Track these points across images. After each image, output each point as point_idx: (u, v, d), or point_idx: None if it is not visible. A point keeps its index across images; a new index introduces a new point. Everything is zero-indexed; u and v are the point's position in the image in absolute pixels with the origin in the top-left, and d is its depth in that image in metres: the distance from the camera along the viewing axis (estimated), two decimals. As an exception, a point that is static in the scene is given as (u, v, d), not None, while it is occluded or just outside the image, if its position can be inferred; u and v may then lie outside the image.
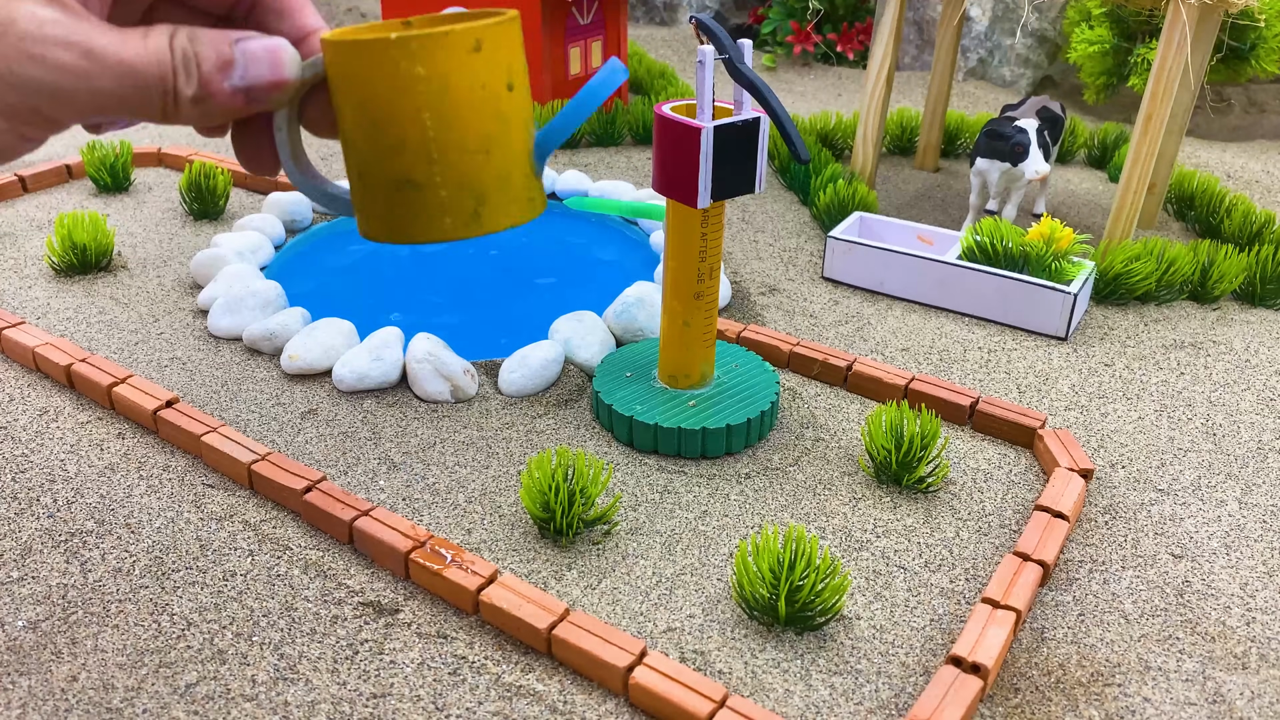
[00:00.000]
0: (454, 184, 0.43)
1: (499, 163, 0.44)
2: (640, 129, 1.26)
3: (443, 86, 0.41)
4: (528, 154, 0.45)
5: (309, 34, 0.43)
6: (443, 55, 0.41)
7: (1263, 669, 0.52)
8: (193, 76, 0.39)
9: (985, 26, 1.62)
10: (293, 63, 0.41)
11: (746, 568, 0.53)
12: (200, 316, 0.82)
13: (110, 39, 0.37)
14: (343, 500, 0.59)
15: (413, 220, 0.44)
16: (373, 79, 0.41)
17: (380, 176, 0.43)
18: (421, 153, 0.42)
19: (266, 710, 0.48)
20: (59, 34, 0.35)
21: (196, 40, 0.39)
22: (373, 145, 0.43)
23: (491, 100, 0.43)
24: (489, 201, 0.44)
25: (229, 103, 0.40)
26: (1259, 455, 0.69)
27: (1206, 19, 0.88)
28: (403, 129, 0.42)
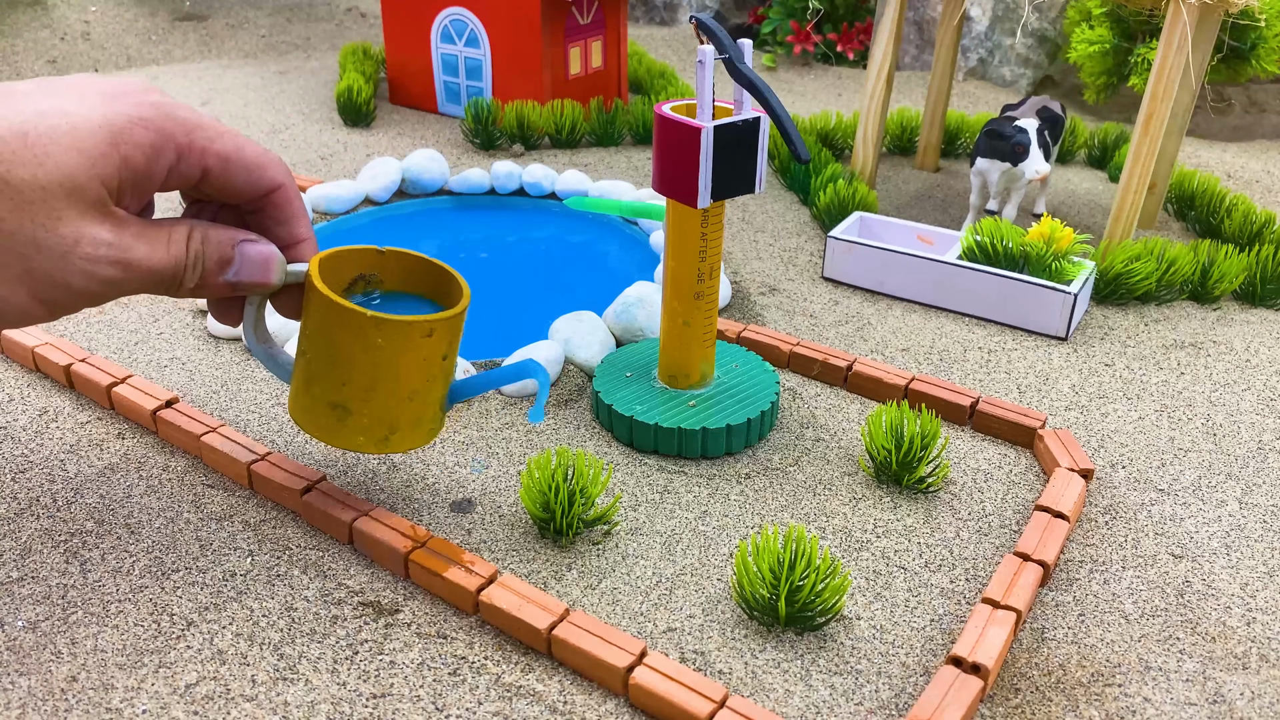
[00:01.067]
0: (376, 418, 0.52)
1: (417, 408, 0.53)
2: (640, 129, 1.26)
3: (394, 355, 0.50)
4: (441, 401, 0.55)
5: (299, 242, 0.52)
6: (401, 335, 0.50)
7: (1263, 669, 0.52)
8: (197, 271, 0.47)
9: (985, 26, 1.62)
10: (279, 272, 0.50)
11: (746, 568, 0.53)
12: (200, 316, 0.82)
13: (144, 251, 0.45)
14: (343, 500, 0.59)
15: (333, 431, 0.53)
16: (343, 332, 0.49)
17: (321, 394, 0.52)
18: (360, 392, 0.51)
19: (266, 710, 0.47)
20: (111, 255, 0.43)
21: (208, 240, 0.47)
22: (324, 371, 0.51)
23: (427, 367, 0.52)
24: (399, 432, 0.53)
25: (220, 291, 0.49)
26: (1259, 455, 0.69)
27: (1207, 19, 0.88)
28: (351, 371, 0.50)
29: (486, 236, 1.01)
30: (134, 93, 0.45)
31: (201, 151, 0.46)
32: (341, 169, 1.15)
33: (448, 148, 1.23)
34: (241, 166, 0.48)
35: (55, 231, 0.42)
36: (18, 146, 0.41)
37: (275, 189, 0.50)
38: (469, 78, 1.32)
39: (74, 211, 0.42)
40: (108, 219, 0.43)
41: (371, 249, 0.54)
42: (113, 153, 0.43)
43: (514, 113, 1.21)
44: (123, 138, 0.43)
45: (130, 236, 0.44)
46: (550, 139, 1.24)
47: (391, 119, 1.35)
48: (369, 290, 0.55)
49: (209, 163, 0.46)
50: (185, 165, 0.46)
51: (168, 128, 0.45)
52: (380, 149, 1.22)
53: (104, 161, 0.42)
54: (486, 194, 1.08)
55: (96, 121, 0.42)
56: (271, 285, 0.50)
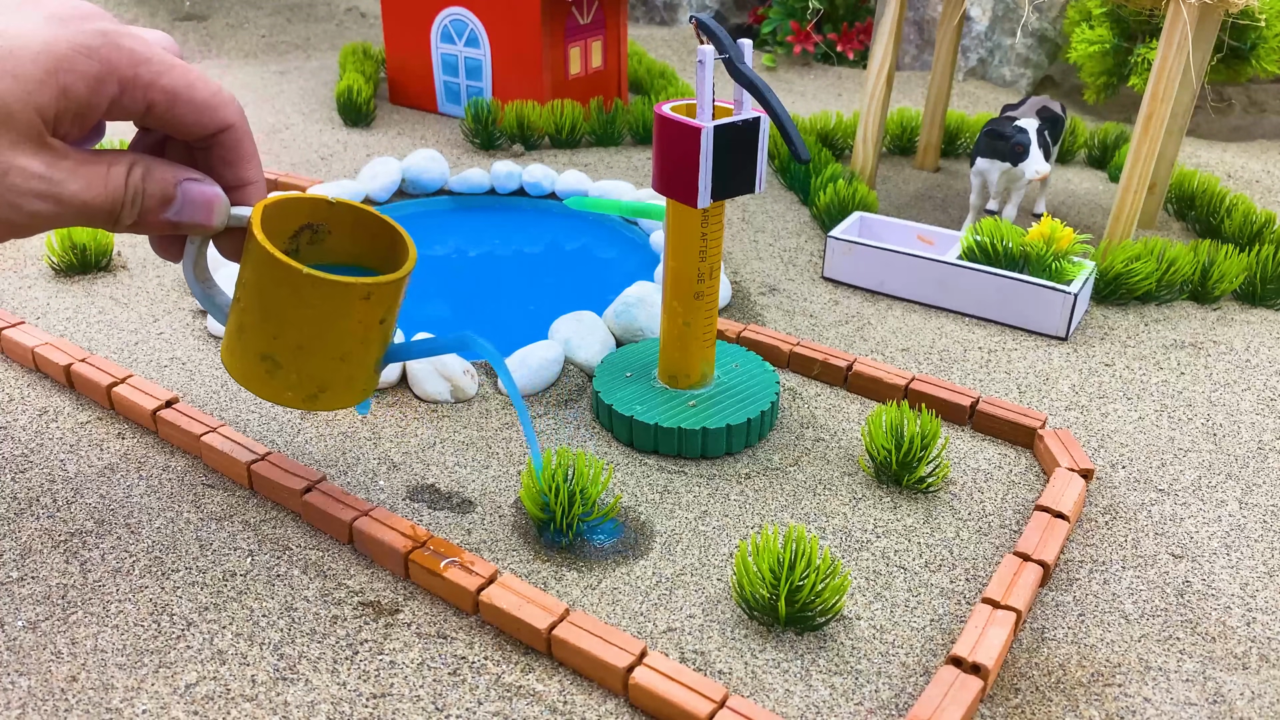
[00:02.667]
0: (306, 375, 0.51)
1: (349, 368, 0.51)
2: (640, 129, 1.26)
3: (328, 314, 0.49)
4: (375, 363, 0.53)
5: (246, 185, 0.50)
6: (338, 296, 0.48)
7: (1263, 669, 0.52)
8: (136, 208, 0.46)
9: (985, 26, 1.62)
10: (222, 213, 0.49)
11: (746, 568, 0.53)
12: (200, 316, 0.82)
13: (79, 186, 0.43)
14: (343, 500, 0.59)
15: (263, 383, 0.51)
16: (277, 285, 0.48)
17: (252, 344, 0.50)
18: (291, 347, 0.50)
19: (266, 710, 0.47)
20: (41, 189, 0.42)
21: (149, 177, 0.46)
22: (257, 318, 0.50)
23: (362, 329, 0.50)
24: (329, 391, 0.52)
25: (159, 228, 0.47)
26: (1259, 455, 0.69)
27: (1207, 19, 0.88)
28: (283, 326, 0.49)
29: (486, 237, 1.01)
30: (81, 17, 0.43)
31: (147, 85, 0.44)
32: (341, 169, 1.15)
33: (448, 148, 1.23)
34: (190, 104, 0.45)
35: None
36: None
37: (225, 129, 0.48)
38: (469, 78, 1.32)
39: (4, 140, 0.40)
40: (41, 150, 0.42)
41: (322, 198, 0.52)
42: (51, 81, 0.41)
43: (514, 113, 1.21)
44: (63, 65, 0.41)
45: (65, 170, 0.43)
46: (550, 139, 1.24)
47: (391, 119, 1.35)
48: (315, 240, 0.53)
49: (154, 97, 0.44)
50: (128, 99, 0.44)
51: (113, 58, 0.42)
52: (380, 149, 1.22)
53: (41, 90, 0.40)
54: (486, 194, 1.08)
55: (36, 47, 0.40)
56: (212, 228, 0.48)
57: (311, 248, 0.53)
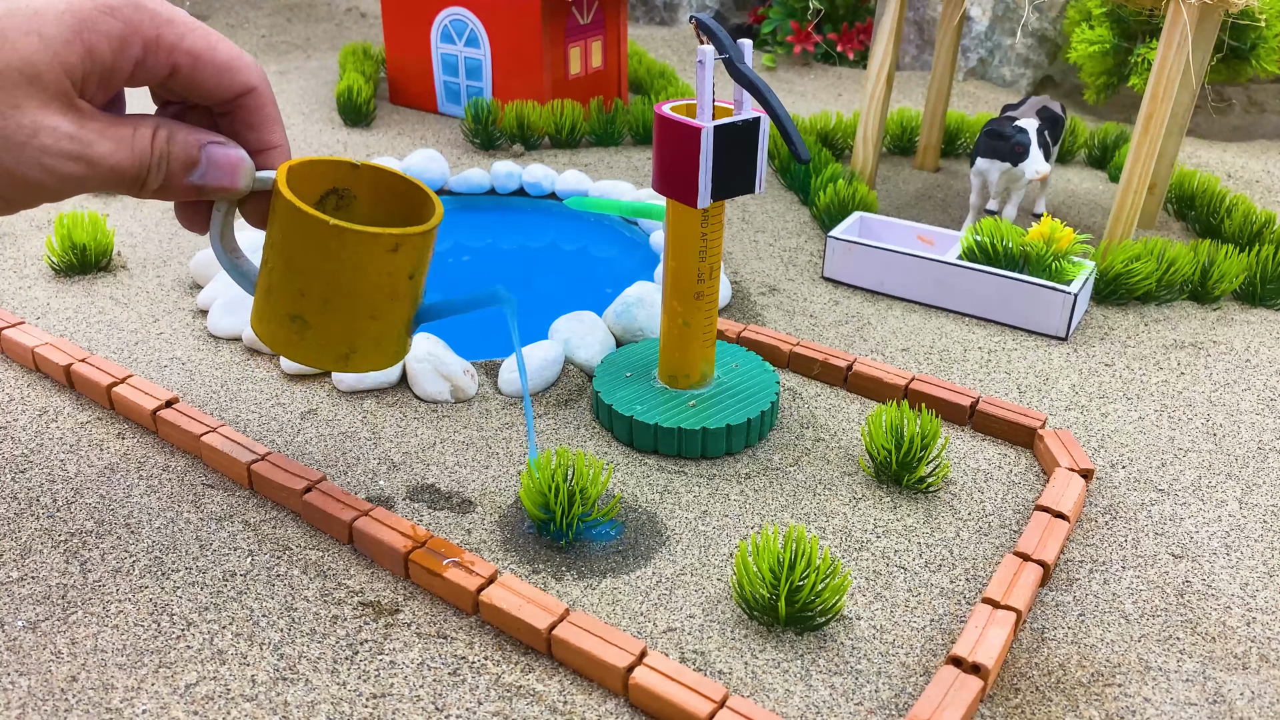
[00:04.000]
0: (336, 335, 0.50)
1: (379, 328, 0.51)
2: (640, 129, 1.26)
3: (356, 268, 0.48)
4: (406, 322, 0.52)
5: (270, 149, 0.49)
6: (365, 248, 0.47)
7: (1263, 669, 0.52)
8: (161, 172, 0.45)
9: (985, 26, 1.62)
10: (246, 176, 0.48)
11: (746, 568, 0.53)
12: (200, 316, 0.82)
13: (107, 148, 0.43)
14: (343, 500, 0.59)
15: (293, 345, 0.50)
16: (303, 240, 0.47)
17: (280, 304, 0.50)
18: (317, 304, 0.49)
19: (266, 710, 0.47)
20: (70, 149, 0.41)
21: (173, 140, 0.45)
22: (284, 278, 0.49)
23: (391, 285, 0.49)
24: (359, 352, 0.51)
25: (185, 194, 0.47)
26: (1259, 455, 0.69)
27: (1207, 19, 0.88)
28: (310, 281, 0.48)
29: (486, 236, 1.01)
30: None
31: (170, 47, 0.44)
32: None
33: (448, 148, 1.23)
34: (213, 66, 0.45)
35: (13, 120, 0.40)
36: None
37: (247, 92, 0.47)
38: (469, 78, 1.32)
39: (34, 101, 0.40)
40: (70, 111, 0.42)
41: (346, 161, 0.52)
42: (76, 41, 0.41)
43: (514, 113, 1.21)
44: (88, 26, 0.41)
45: (93, 131, 0.42)
46: (550, 139, 1.24)
47: (391, 119, 1.35)
48: (341, 205, 0.53)
49: (178, 59, 0.44)
50: (152, 60, 0.43)
51: (135, 19, 0.42)
52: (380, 149, 1.22)
53: (67, 49, 0.40)
54: (486, 194, 1.08)
55: (60, 6, 0.40)
56: (238, 190, 0.48)
57: (338, 214, 0.52)
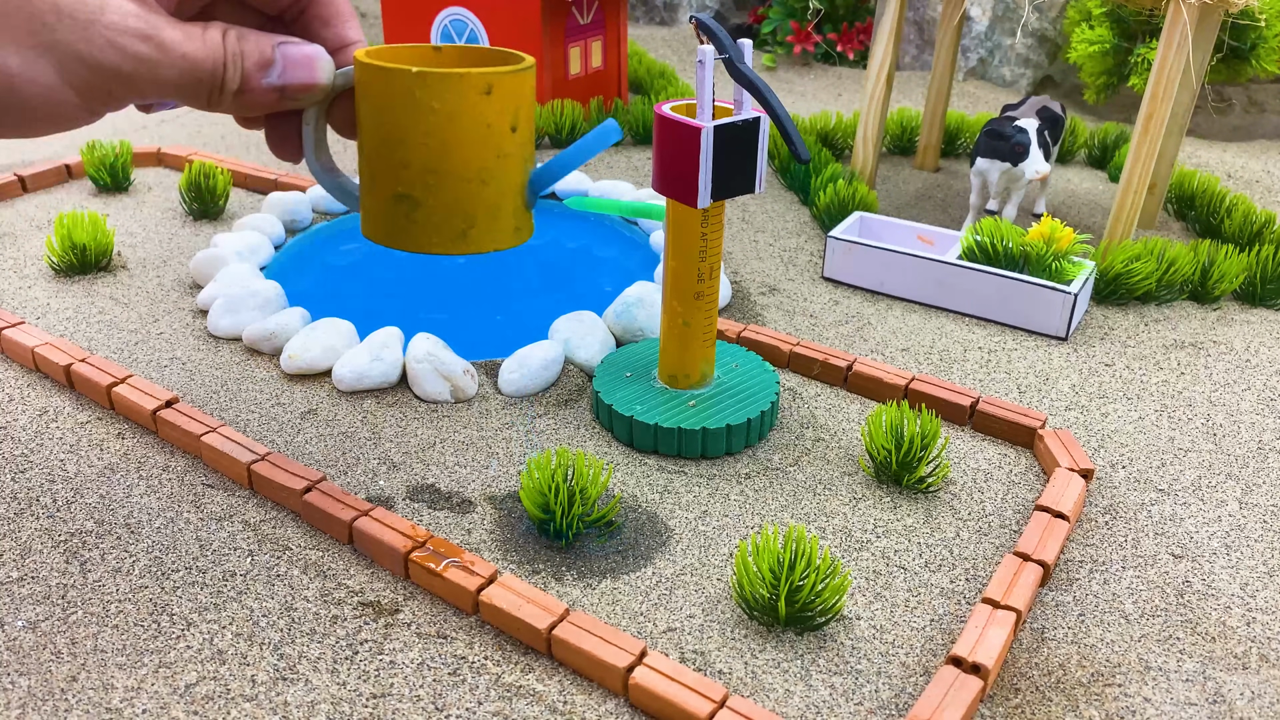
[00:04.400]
0: (447, 206, 0.47)
1: (492, 194, 0.47)
2: (640, 129, 1.26)
3: (450, 120, 0.45)
4: (521, 189, 0.49)
5: (348, 45, 0.47)
6: (455, 93, 0.45)
7: (1263, 669, 0.52)
8: (238, 70, 0.43)
9: (985, 26, 1.62)
10: (326, 70, 0.45)
11: (746, 568, 0.53)
12: (200, 316, 0.82)
13: (177, 34, 0.41)
14: (342, 500, 0.59)
15: (405, 230, 0.48)
16: (391, 102, 0.45)
17: (384, 187, 0.47)
18: (422, 173, 0.46)
19: (266, 710, 0.47)
20: (139, 27, 0.39)
21: (244, 39, 0.43)
22: (382, 158, 0.46)
23: (494, 138, 0.46)
24: (477, 225, 0.48)
25: (264, 98, 0.44)
26: (1259, 455, 0.69)
27: (1207, 19, 0.88)
28: (409, 150, 0.46)
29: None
30: None
31: None
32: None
33: (448, 148, 1.23)
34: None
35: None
36: None
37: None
38: (469, 78, 1.32)
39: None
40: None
41: (427, 46, 0.49)
42: None
43: (514, 113, 1.21)
44: None
45: (161, 18, 0.40)
46: (550, 139, 1.24)
47: (391, 119, 1.35)
48: None
49: None
50: None
51: None
52: (380, 149, 1.22)
53: None
54: (486, 194, 1.08)
55: None
56: (319, 85, 0.45)
57: None
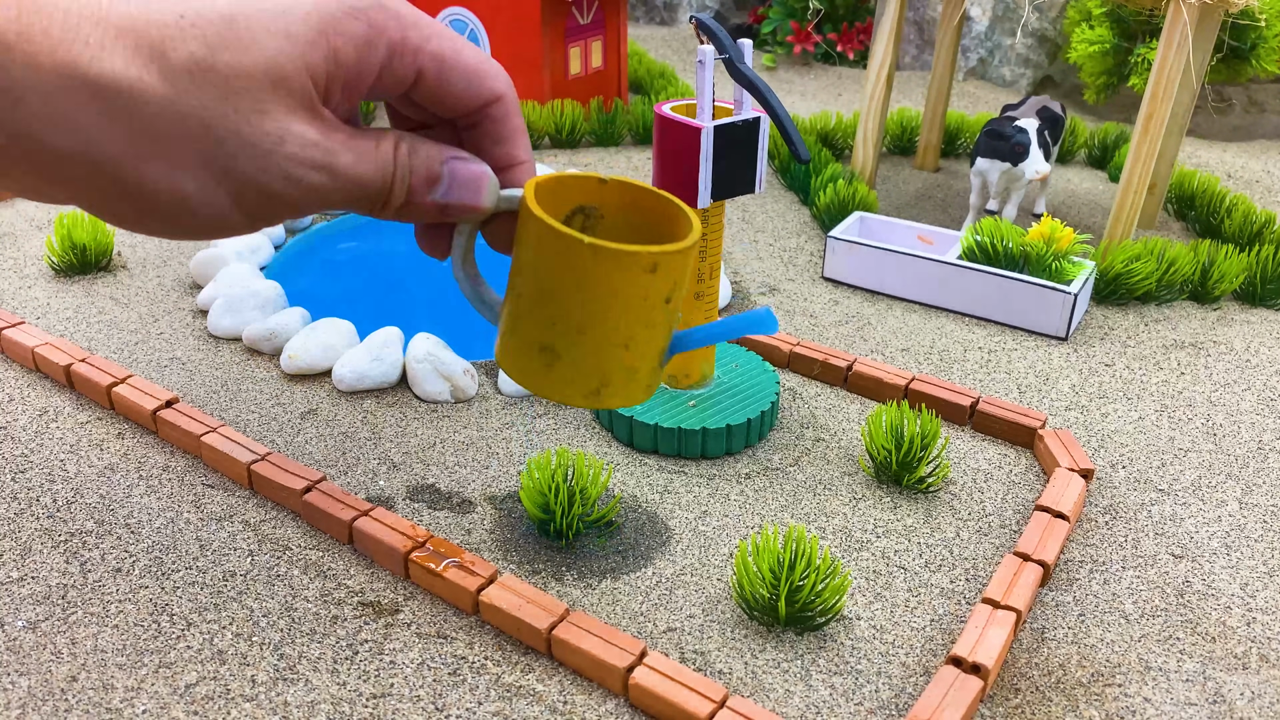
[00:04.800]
0: (588, 366, 0.46)
1: (633, 357, 0.47)
2: (640, 129, 1.26)
3: (611, 291, 0.44)
4: (660, 353, 0.48)
5: (516, 165, 0.46)
6: (622, 269, 0.44)
7: (1263, 669, 0.52)
8: (404, 187, 0.43)
9: (985, 26, 1.62)
10: (491, 193, 0.45)
11: (746, 568, 0.53)
12: (200, 316, 0.82)
13: (351, 158, 0.40)
14: (342, 500, 0.59)
15: (540, 377, 0.47)
16: (555, 261, 0.44)
17: (529, 334, 0.46)
18: (571, 332, 0.45)
19: (266, 710, 0.47)
20: (316, 157, 0.39)
21: (415, 153, 0.43)
22: (533, 304, 0.46)
23: (648, 310, 0.46)
24: (611, 385, 0.47)
25: (427, 213, 0.44)
26: (1259, 455, 0.69)
27: (1207, 19, 0.88)
28: (562, 307, 0.45)
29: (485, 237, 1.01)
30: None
31: (415, 50, 0.41)
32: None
33: (448, 148, 1.23)
34: (460, 71, 0.43)
35: (259, 126, 0.38)
36: (223, 29, 0.37)
37: (494, 100, 0.45)
38: (469, 78, 1.32)
39: (280, 107, 0.38)
40: (315, 119, 0.39)
41: (593, 177, 0.48)
42: (321, 41, 0.38)
43: (514, 113, 1.21)
44: (332, 27, 0.39)
45: (337, 141, 0.40)
46: (550, 139, 1.24)
47: (391, 119, 1.35)
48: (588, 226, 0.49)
49: (423, 63, 0.42)
50: (398, 64, 0.41)
51: (380, 20, 0.40)
52: (380, 149, 1.22)
53: (312, 51, 0.38)
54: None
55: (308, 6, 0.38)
56: (482, 209, 0.45)
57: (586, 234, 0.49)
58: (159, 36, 0.36)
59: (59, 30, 0.34)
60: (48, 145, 0.35)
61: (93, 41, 0.35)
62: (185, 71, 0.36)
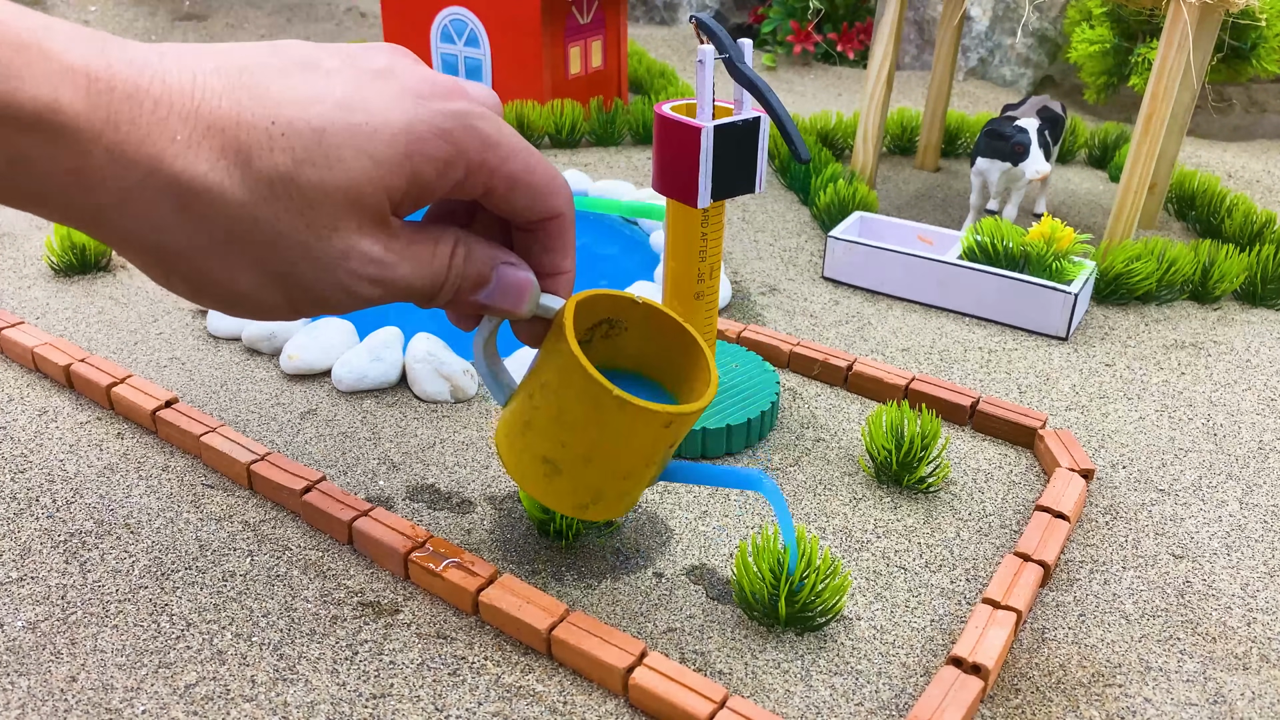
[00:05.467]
0: (585, 486, 0.49)
1: (627, 485, 0.49)
2: (640, 129, 1.26)
3: (625, 435, 0.47)
4: (651, 480, 0.51)
5: (559, 274, 0.47)
6: (641, 421, 0.46)
7: (1264, 669, 0.52)
8: (453, 289, 0.44)
9: (985, 26, 1.62)
10: (532, 302, 0.46)
11: (746, 568, 0.52)
12: (200, 316, 0.82)
13: (408, 269, 0.41)
14: (342, 500, 0.59)
15: (537, 484, 0.49)
16: (580, 396, 0.46)
17: (537, 446, 0.48)
18: (577, 458, 0.48)
19: (266, 711, 0.47)
20: (374, 274, 0.40)
21: (470, 260, 0.44)
22: (548, 422, 0.47)
23: (653, 453, 0.48)
24: (602, 502, 0.50)
25: (467, 308, 0.45)
26: (1260, 455, 0.69)
27: (1207, 18, 0.88)
28: (574, 435, 0.47)
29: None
30: (443, 96, 0.40)
31: (491, 172, 0.42)
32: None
33: (448, 148, 1.22)
34: (527, 191, 0.43)
35: (328, 241, 0.38)
36: (311, 144, 0.36)
37: (554, 218, 0.45)
38: (469, 77, 1.32)
39: (352, 224, 0.38)
40: (381, 233, 0.40)
41: (628, 297, 0.50)
42: (405, 165, 0.38)
43: (514, 112, 1.21)
44: (418, 149, 0.39)
45: (397, 252, 0.41)
46: (550, 139, 1.24)
47: (391, 119, 1.35)
48: (610, 335, 0.51)
49: (495, 183, 0.42)
50: (470, 182, 0.41)
51: (464, 142, 0.40)
52: (380, 149, 1.22)
53: (394, 174, 0.38)
54: (486, 194, 1.08)
55: (397, 127, 0.38)
56: (520, 315, 0.46)
57: (605, 341, 0.51)
58: (247, 142, 0.35)
59: (147, 122, 0.34)
60: (118, 229, 0.35)
61: (180, 139, 0.34)
62: (267, 182, 0.36)
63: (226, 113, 0.35)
